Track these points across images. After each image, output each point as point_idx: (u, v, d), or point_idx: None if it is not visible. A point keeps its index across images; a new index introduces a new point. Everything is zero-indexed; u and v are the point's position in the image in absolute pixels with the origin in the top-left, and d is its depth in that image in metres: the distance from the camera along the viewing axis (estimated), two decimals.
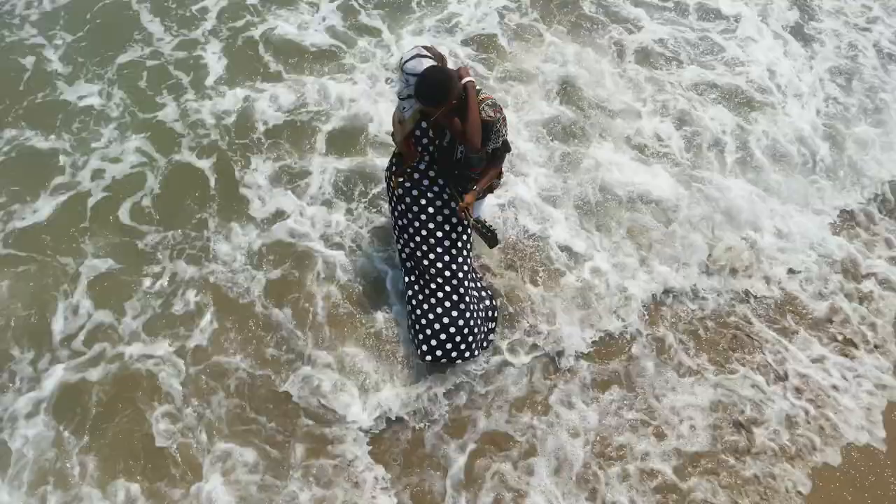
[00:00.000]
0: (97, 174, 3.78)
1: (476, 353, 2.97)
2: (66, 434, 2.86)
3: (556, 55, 4.65)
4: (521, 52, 4.68)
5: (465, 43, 4.72)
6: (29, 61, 4.40)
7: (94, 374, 3.03)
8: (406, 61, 2.39)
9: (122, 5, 4.88)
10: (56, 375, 3.01)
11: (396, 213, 2.86)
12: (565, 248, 3.58)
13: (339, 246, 3.56)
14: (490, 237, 2.93)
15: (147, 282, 3.37)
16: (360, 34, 4.76)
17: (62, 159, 3.83)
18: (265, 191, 3.76)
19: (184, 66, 4.42)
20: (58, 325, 3.19)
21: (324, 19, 4.82)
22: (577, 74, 4.50)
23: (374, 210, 3.73)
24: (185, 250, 3.51)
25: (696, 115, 4.37)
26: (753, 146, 4.26)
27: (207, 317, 3.26)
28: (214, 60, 4.45)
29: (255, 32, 4.69)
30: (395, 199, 2.82)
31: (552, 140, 4.14)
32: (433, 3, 5.02)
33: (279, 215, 3.68)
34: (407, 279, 2.97)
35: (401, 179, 2.70)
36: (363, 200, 3.77)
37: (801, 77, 4.79)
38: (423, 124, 2.49)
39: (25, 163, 3.83)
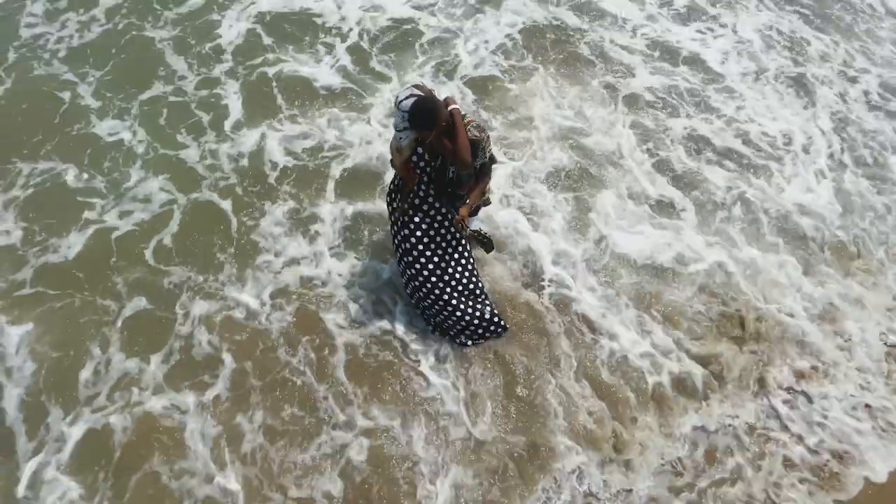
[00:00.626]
0: (125, 213, 4.04)
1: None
2: (90, 484, 2.99)
3: (554, 101, 4.96)
4: (519, 97, 4.98)
5: (466, 85, 5.04)
6: (61, 95, 4.73)
7: (118, 424, 3.15)
8: (402, 100, 2.74)
9: (146, 41, 5.22)
10: (81, 425, 3.14)
11: (401, 234, 3.21)
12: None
13: (353, 290, 3.73)
14: (486, 243, 3.43)
15: (171, 326, 3.53)
16: (370, 76, 5.08)
17: (93, 195, 4.12)
18: (280, 235, 3.97)
19: (204, 104, 4.74)
20: (85, 373, 3.33)
21: (337, 61, 5.16)
22: (576, 124, 4.79)
23: (388, 253, 3.88)
24: (205, 292, 3.69)
25: (699, 174, 4.59)
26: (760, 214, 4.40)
27: (226, 365, 3.38)
28: (233, 100, 4.77)
29: (271, 71, 5.01)
30: (399, 220, 3.17)
31: (556, 193, 4.36)
32: (435, 44, 5.38)
33: (294, 260, 3.87)
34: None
35: (406, 206, 3.07)
36: (375, 241, 3.99)
37: (798, 133, 5.00)
38: (420, 150, 2.84)
39: (59, 196, 4.11)
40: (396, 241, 3.28)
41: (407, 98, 2.71)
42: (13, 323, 3.50)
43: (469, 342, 3.45)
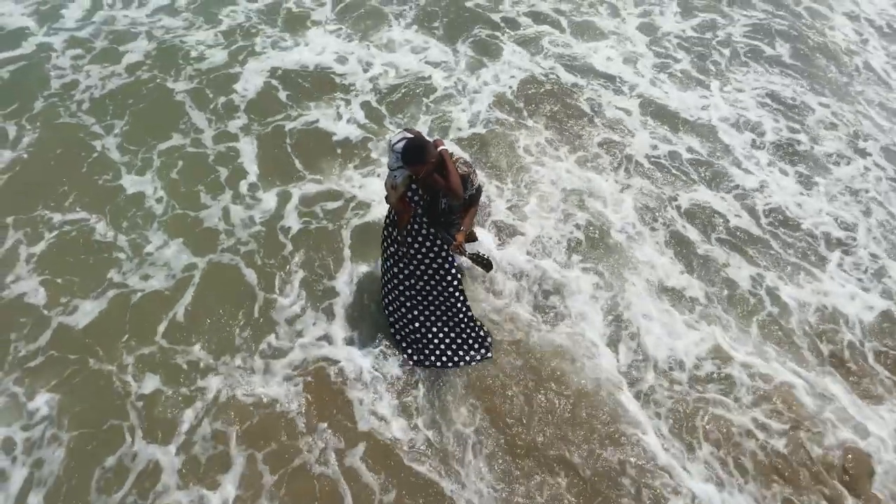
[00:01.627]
0: (144, 277, 4.12)
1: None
2: None
3: (558, 163, 5.18)
4: (522, 157, 5.21)
5: (470, 142, 5.29)
6: (87, 145, 4.93)
7: None
8: (395, 143, 3.08)
9: (166, 93, 5.46)
10: None
11: (402, 262, 3.48)
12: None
13: (370, 362, 3.76)
14: (486, 263, 3.88)
15: (188, 412, 3.50)
16: (383, 132, 5.32)
17: (115, 251, 4.26)
18: (296, 309, 4.02)
19: (222, 159, 4.95)
20: (109, 459, 3.30)
21: (352, 116, 5.42)
22: (582, 190, 4.97)
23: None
24: (220, 371, 3.69)
25: (721, 262, 4.59)
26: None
27: (238, 458, 3.34)
28: (249, 156, 4.98)
29: (288, 125, 5.26)
30: (398, 251, 3.47)
31: (575, 272, 4.38)
32: (443, 101, 5.68)
33: (313, 335, 3.89)
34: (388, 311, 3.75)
35: (404, 236, 3.34)
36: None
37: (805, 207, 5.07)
38: (414, 186, 3.15)
39: (83, 250, 4.26)
40: (393, 272, 3.55)
41: (399, 141, 3.05)
42: (28, 395, 3.52)
43: (451, 363, 3.67)
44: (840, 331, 4.22)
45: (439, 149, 3.04)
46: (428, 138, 3.10)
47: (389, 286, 3.64)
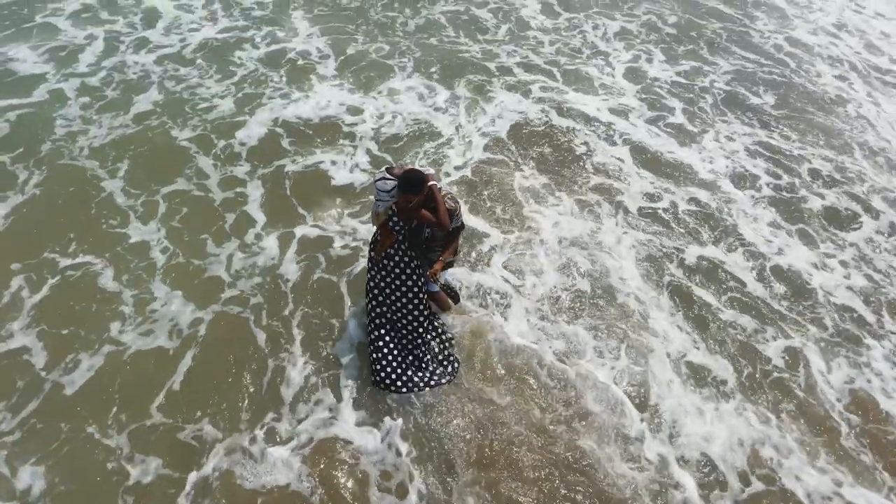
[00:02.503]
0: (145, 333, 4.04)
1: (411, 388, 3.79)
2: None
3: (555, 211, 5.29)
4: (520, 202, 5.33)
5: (465, 186, 5.43)
6: (93, 190, 5.02)
7: None
8: (377, 180, 3.45)
9: (170, 139, 5.62)
10: None
11: (379, 279, 3.70)
12: None
13: (376, 439, 3.63)
14: (453, 295, 4.19)
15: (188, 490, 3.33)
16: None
17: (116, 304, 4.22)
18: (299, 380, 3.89)
19: (227, 205, 5.05)
20: None
21: (355, 164, 5.57)
22: (582, 241, 5.04)
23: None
24: (222, 449, 3.51)
25: (741, 334, 4.47)
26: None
27: None
28: (255, 203, 5.08)
29: (291, 170, 5.41)
30: (376, 265, 3.69)
31: (589, 336, 4.34)
32: (443, 145, 5.87)
33: (317, 412, 3.75)
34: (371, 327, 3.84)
35: (381, 256, 3.61)
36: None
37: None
38: (395, 218, 3.49)
39: (84, 297, 4.25)
40: (372, 284, 3.78)
41: (381, 179, 3.42)
42: (11, 469, 3.35)
43: (423, 383, 3.80)
44: None
45: (430, 183, 3.33)
46: (423, 171, 3.38)
47: (370, 306, 3.85)
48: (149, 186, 5.13)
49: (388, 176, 3.42)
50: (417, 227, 3.50)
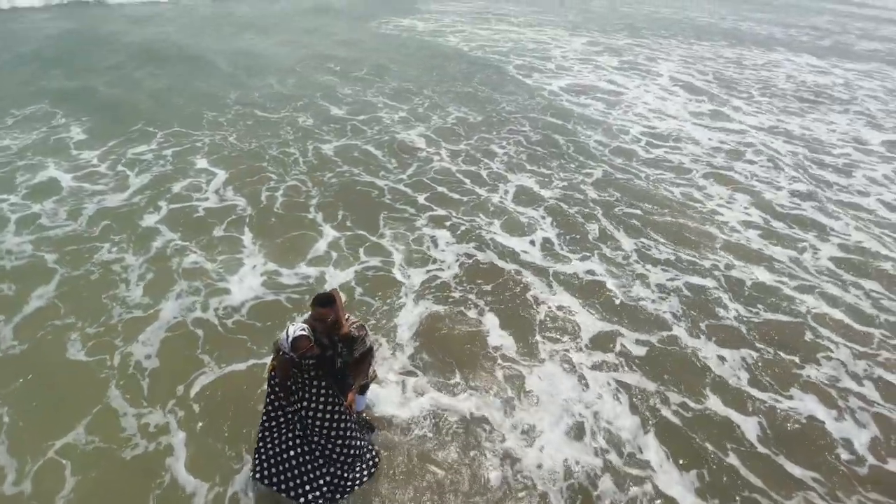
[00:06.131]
0: None
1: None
2: None
3: (536, 369, 5.06)
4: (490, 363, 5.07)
5: (418, 350, 5.19)
6: None
7: None
8: (282, 335, 3.35)
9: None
10: None
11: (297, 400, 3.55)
12: None
13: None
14: (369, 427, 4.19)
15: None
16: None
17: None
18: None
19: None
20: None
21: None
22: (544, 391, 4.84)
23: None
24: None
25: None
26: None
27: None
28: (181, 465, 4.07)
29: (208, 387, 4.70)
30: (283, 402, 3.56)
31: None
32: (384, 297, 5.57)
33: None
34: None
35: (296, 396, 3.52)
36: None
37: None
38: (311, 361, 3.41)
39: None
40: (286, 436, 3.60)
41: (283, 333, 3.33)
42: None
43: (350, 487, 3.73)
44: None
45: (346, 319, 3.49)
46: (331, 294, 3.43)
47: (274, 451, 3.63)
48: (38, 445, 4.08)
49: (301, 333, 3.32)
50: (330, 356, 3.51)
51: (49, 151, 8.58)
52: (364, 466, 3.88)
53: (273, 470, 3.65)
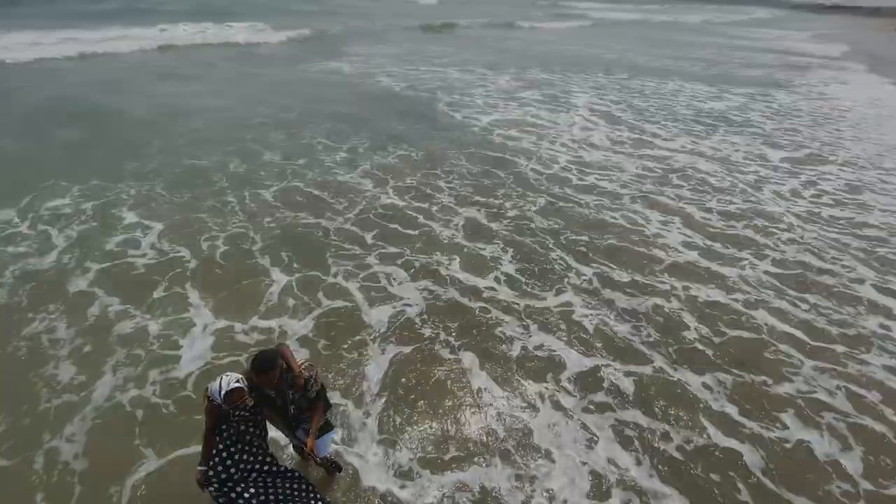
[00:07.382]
0: None
1: None
2: None
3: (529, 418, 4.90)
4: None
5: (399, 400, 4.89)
6: None
7: None
8: (213, 385, 3.19)
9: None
10: None
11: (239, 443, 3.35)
12: None
13: None
14: (334, 466, 4.13)
15: None
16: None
17: None
18: None
19: None
20: None
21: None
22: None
23: None
24: None
25: None
26: None
27: None
28: None
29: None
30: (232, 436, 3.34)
31: None
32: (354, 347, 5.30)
33: None
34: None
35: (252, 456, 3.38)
36: None
37: None
38: (244, 413, 3.28)
39: None
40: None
41: (215, 383, 3.17)
42: None
43: None
44: None
45: (281, 350, 3.37)
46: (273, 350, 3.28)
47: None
48: None
49: (235, 385, 3.16)
50: (283, 404, 3.43)
51: None
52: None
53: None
